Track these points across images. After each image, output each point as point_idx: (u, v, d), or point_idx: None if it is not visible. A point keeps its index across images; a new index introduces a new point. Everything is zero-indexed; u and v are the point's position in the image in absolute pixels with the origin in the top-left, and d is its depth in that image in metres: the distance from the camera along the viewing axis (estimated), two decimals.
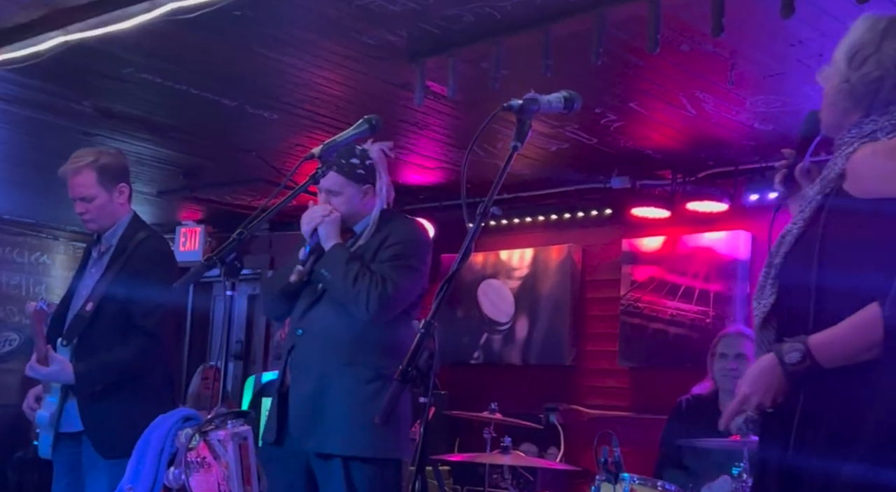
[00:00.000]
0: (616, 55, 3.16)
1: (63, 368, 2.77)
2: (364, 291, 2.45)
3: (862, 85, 1.60)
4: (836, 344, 1.51)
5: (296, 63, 3.47)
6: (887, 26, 1.60)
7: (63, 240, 7.44)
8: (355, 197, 2.63)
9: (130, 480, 1.92)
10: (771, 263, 1.63)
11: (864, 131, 1.60)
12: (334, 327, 2.54)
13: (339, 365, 2.51)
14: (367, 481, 2.46)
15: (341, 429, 2.46)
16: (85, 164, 2.94)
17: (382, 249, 2.56)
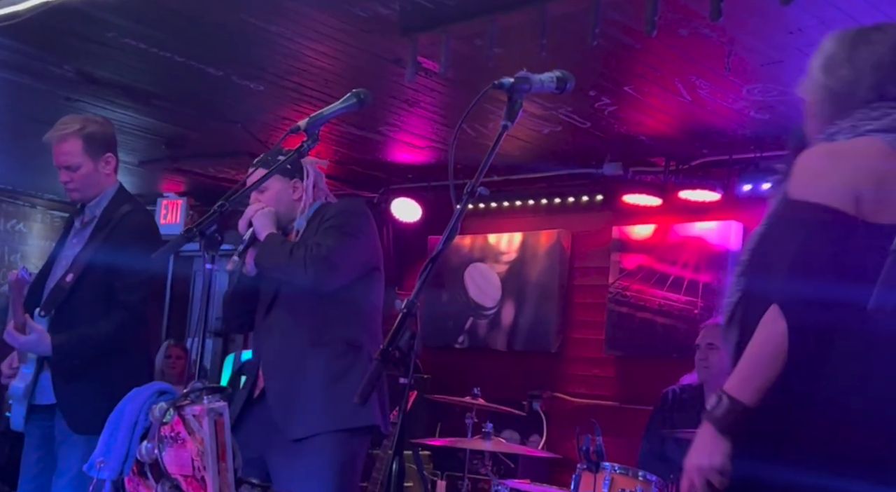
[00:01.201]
0: (612, 37, 3.16)
1: (41, 338, 2.76)
2: (300, 259, 2.45)
3: (839, 87, 1.66)
4: (747, 379, 1.53)
5: (284, 33, 3.45)
6: (855, 36, 1.68)
7: (40, 208, 7.39)
8: (284, 191, 2.64)
9: (102, 453, 1.93)
10: (740, 260, 1.68)
11: (826, 134, 1.65)
12: (296, 316, 2.56)
13: (308, 348, 2.53)
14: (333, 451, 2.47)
15: (318, 411, 2.48)
16: (71, 131, 2.92)
17: (321, 229, 2.58)
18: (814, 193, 1.52)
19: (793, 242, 1.52)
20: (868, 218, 1.49)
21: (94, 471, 1.91)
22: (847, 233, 1.49)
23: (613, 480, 3.28)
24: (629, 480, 3.25)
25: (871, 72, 1.63)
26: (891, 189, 1.52)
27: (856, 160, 1.54)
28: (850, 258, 1.49)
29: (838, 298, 1.47)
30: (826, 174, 1.54)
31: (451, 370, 5.63)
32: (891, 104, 1.62)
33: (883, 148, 1.54)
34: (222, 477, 1.85)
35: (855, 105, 1.64)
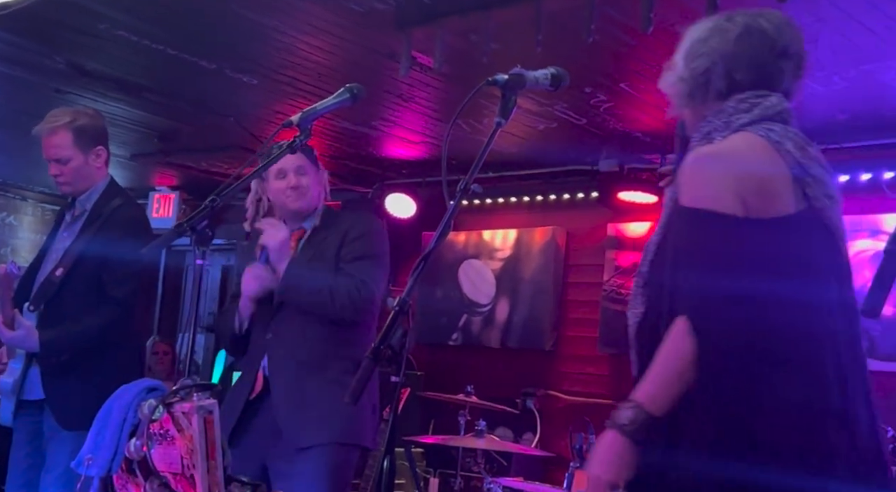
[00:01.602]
0: (609, 33, 3.15)
1: (29, 334, 2.75)
2: (346, 301, 2.48)
3: (692, 78, 1.69)
4: (657, 388, 1.54)
5: (278, 26, 3.43)
6: (713, 26, 1.71)
7: (31, 201, 7.37)
8: (315, 179, 2.67)
9: (90, 450, 1.92)
10: (640, 272, 1.68)
11: (701, 133, 1.68)
12: (306, 327, 2.56)
13: (316, 363, 2.54)
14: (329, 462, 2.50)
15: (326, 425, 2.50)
16: (61, 124, 2.91)
17: (346, 243, 2.59)
18: (702, 199, 1.55)
19: (689, 252, 1.56)
20: (755, 215, 1.53)
21: (82, 468, 1.90)
22: (738, 234, 1.53)
23: None
24: None
25: (721, 61, 1.66)
26: (772, 186, 1.56)
27: (738, 162, 1.56)
28: (746, 258, 1.53)
29: (740, 299, 1.49)
30: (712, 180, 1.56)
31: (444, 368, 5.63)
32: (755, 93, 1.64)
33: (760, 144, 1.58)
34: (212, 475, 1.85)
35: (711, 95, 1.67)
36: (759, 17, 1.68)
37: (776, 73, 1.66)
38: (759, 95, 1.64)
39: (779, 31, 1.66)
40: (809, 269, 1.58)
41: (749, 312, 1.49)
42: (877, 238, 4.25)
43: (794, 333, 1.52)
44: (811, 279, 1.56)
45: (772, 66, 1.65)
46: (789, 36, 1.68)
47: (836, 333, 1.57)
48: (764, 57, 1.65)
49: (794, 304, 1.52)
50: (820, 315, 1.56)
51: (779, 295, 1.51)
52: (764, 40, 1.65)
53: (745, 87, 1.65)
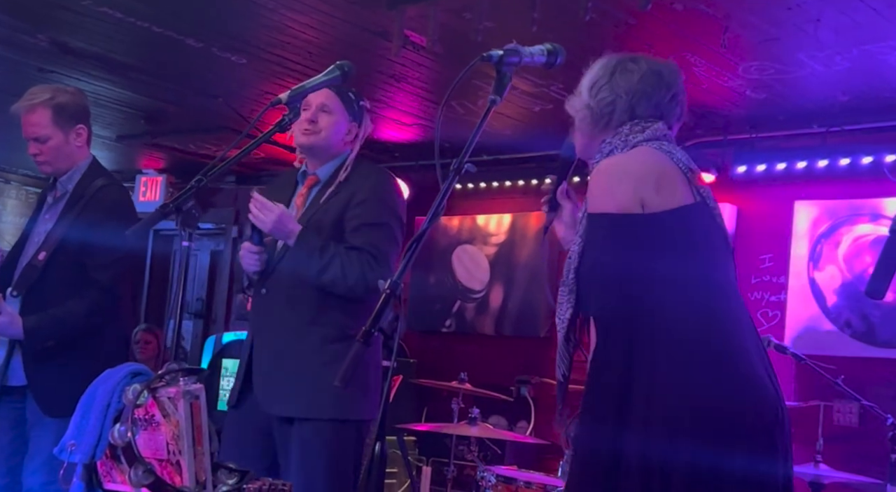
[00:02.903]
0: (606, 12, 3.13)
1: (12, 320, 2.73)
2: (361, 279, 2.43)
3: (599, 109, 1.95)
4: None
5: (267, 3, 3.40)
6: (617, 64, 1.98)
7: (15, 184, 7.32)
8: (342, 125, 2.58)
9: (73, 436, 1.91)
10: (565, 280, 1.87)
11: (604, 153, 1.92)
12: (299, 286, 2.51)
13: (304, 324, 2.50)
14: (325, 442, 2.46)
15: (305, 392, 2.46)
16: (40, 101, 2.87)
17: (351, 207, 2.51)
18: (607, 204, 1.79)
19: (598, 253, 1.80)
20: (652, 211, 1.76)
21: (64, 454, 1.89)
22: (638, 229, 1.76)
23: None
24: None
25: (626, 96, 1.93)
26: (667, 185, 1.79)
27: (636, 168, 1.81)
28: (646, 249, 1.76)
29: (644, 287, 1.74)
30: (614, 186, 1.80)
31: (437, 355, 5.63)
32: (647, 120, 1.92)
33: (654, 153, 1.84)
34: (198, 461, 1.84)
35: (613, 124, 1.93)
36: (658, 64, 1.97)
37: (667, 111, 1.95)
38: (649, 121, 1.92)
39: (673, 79, 1.97)
40: (710, 251, 1.81)
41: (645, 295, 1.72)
42: (877, 222, 4.25)
43: (696, 312, 1.74)
44: (705, 261, 1.79)
45: (665, 105, 1.95)
46: (679, 84, 1.98)
47: (736, 308, 1.80)
48: (660, 97, 1.94)
49: (689, 282, 1.75)
50: (722, 293, 1.79)
51: (674, 276, 1.74)
52: (661, 83, 1.95)
53: (641, 117, 1.93)
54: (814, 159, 4.40)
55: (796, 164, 4.45)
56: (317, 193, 2.59)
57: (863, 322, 4.28)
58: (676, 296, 1.73)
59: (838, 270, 4.38)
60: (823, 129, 4.20)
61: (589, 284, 1.81)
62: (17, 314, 2.75)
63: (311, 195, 2.60)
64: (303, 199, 2.61)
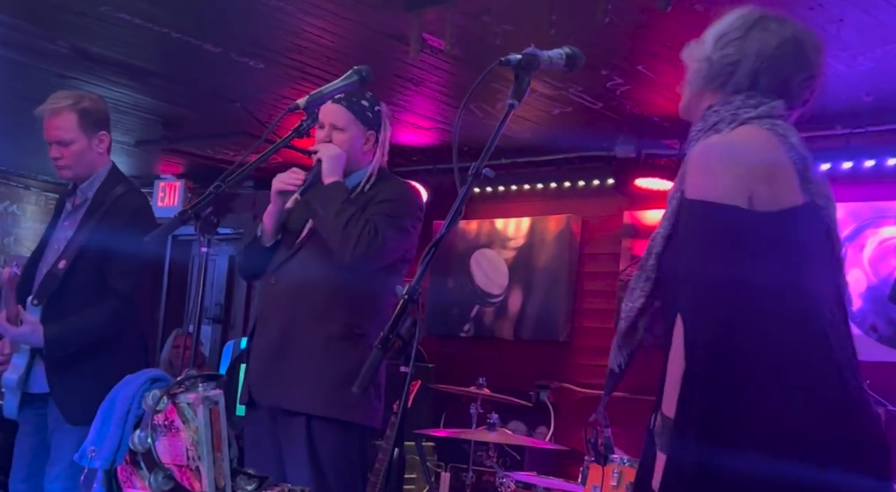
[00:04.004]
0: (625, 13, 3.12)
1: (34, 330, 2.76)
2: (354, 236, 2.42)
3: (719, 65, 1.70)
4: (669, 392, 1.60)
5: (284, 7, 3.42)
6: (758, 20, 1.72)
7: (35, 190, 7.40)
8: (358, 139, 2.59)
9: (94, 442, 1.92)
10: (643, 265, 1.70)
11: (708, 123, 1.69)
12: (309, 279, 2.52)
13: (309, 318, 2.50)
14: (328, 442, 2.46)
15: (305, 385, 2.46)
16: (65, 105, 2.90)
17: (373, 204, 2.54)
18: (708, 191, 1.57)
19: (693, 246, 1.59)
20: (763, 207, 1.55)
21: (85, 460, 1.91)
22: (743, 227, 1.56)
23: (623, 472, 3.28)
24: None
25: (754, 60, 1.68)
26: (779, 180, 1.59)
27: (747, 154, 1.59)
28: (749, 253, 1.55)
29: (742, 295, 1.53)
30: (720, 171, 1.58)
31: (455, 359, 5.63)
32: (764, 95, 1.68)
33: (769, 138, 1.61)
34: (217, 467, 1.85)
35: (728, 87, 1.70)
36: (806, 35, 1.71)
37: (794, 92, 1.70)
38: (766, 97, 1.68)
39: (815, 57, 1.71)
40: (810, 261, 1.61)
41: (743, 305, 1.52)
42: None
43: (791, 327, 1.55)
44: (810, 272, 1.59)
45: (795, 85, 1.69)
46: (819, 67, 1.72)
47: (834, 324, 1.60)
48: (793, 73, 1.69)
49: (792, 295, 1.55)
50: (828, 307, 1.59)
51: (776, 287, 1.54)
52: (799, 59, 1.69)
53: (761, 90, 1.68)
54: (837, 161, 4.36)
55: (819, 166, 4.40)
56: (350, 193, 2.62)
57: (889, 326, 4.24)
58: (779, 308, 1.54)
59: (863, 274, 4.34)
60: (847, 130, 4.16)
61: (675, 279, 1.61)
62: (38, 323, 2.77)
63: None
64: None
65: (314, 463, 2.44)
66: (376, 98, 2.65)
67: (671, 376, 1.59)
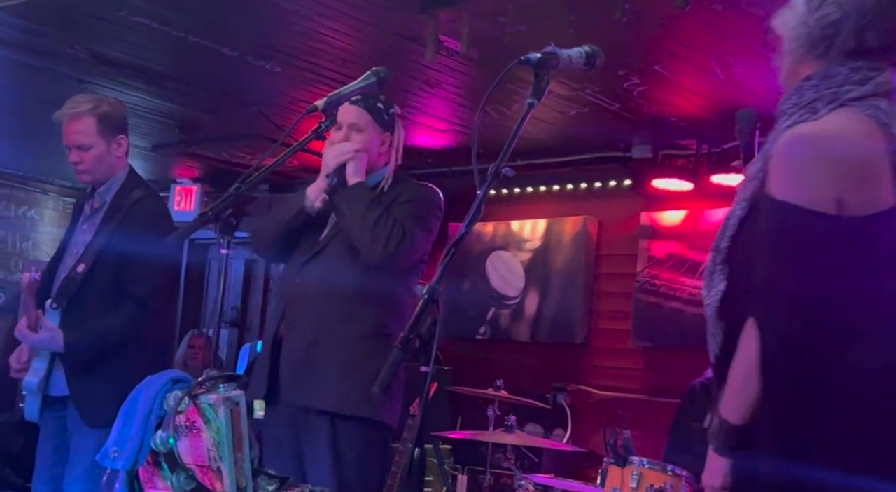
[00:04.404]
0: (642, 13, 3.12)
1: (53, 336, 2.78)
2: (384, 236, 2.44)
3: (819, 28, 1.54)
4: (733, 399, 1.53)
5: (300, 11, 3.43)
6: None
7: (52, 195, 7.45)
8: (375, 140, 2.61)
9: (116, 443, 1.93)
10: (718, 246, 1.60)
11: (804, 99, 1.54)
12: (335, 280, 2.53)
13: (337, 318, 2.52)
14: (353, 441, 2.47)
15: (333, 385, 2.47)
16: (84, 110, 2.92)
17: (397, 204, 2.56)
18: (794, 193, 1.44)
19: (768, 250, 1.48)
20: (850, 213, 1.42)
21: (107, 461, 1.92)
22: (829, 238, 1.43)
23: (642, 474, 3.27)
24: (658, 474, 3.24)
25: (856, 16, 1.50)
26: (872, 181, 1.45)
27: (840, 152, 1.44)
28: (832, 262, 1.43)
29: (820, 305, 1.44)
30: (807, 172, 1.45)
31: (472, 362, 5.62)
32: (871, 64, 1.51)
33: (868, 129, 1.46)
34: (238, 468, 1.85)
35: (832, 55, 1.53)
36: None
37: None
38: (874, 69, 1.51)
39: None
40: None
41: (822, 314, 1.43)
42: None
43: (875, 337, 1.44)
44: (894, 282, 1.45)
45: None
46: None
47: None
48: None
49: (878, 305, 1.44)
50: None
51: (863, 297, 1.43)
52: None
53: (870, 53, 1.51)
54: None
55: None
56: None
57: None
58: (865, 320, 1.44)
59: None
60: None
61: (748, 273, 1.50)
62: (57, 329, 2.79)
63: None
64: None
65: (336, 462, 2.45)
66: (390, 100, 2.66)
67: (737, 379, 1.51)
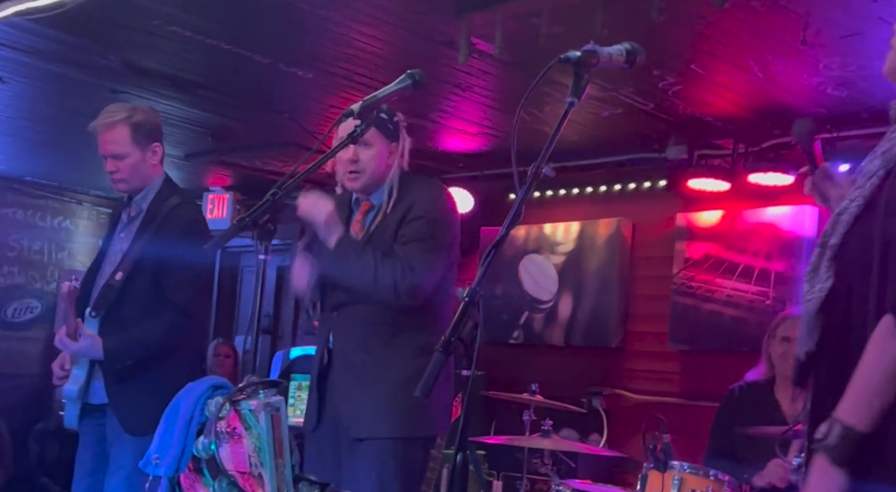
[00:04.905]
0: (678, 11, 3.08)
1: (93, 343, 2.80)
2: (390, 284, 2.42)
3: None
4: (863, 404, 1.44)
5: (332, 16, 3.44)
6: None
7: (87, 205, 7.54)
8: (383, 153, 2.61)
9: (157, 450, 1.94)
10: (826, 242, 1.57)
11: None
12: (371, 312, 2.53)
13: (381, 346, 2.51)
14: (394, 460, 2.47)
15: (383, 412, 2.47)
16: (119, 119, 2.95)
17: (406, 223, 2.53)
18: None
19: None
20: None
21: (150, 468, 1.93)
22: None
23: (683, 479, 3.22)
24: (700, 479, 3.18)
25: None
26: None
27: None
28: None
29: None
30: None
31: (505, 367, 5.59)
32: None
33: None
34: (279, 474, 1.85)
35: None
36: None
37: None
38: None
39: None
40: None
41: None
42: None
43: None
44: None
45: None
46: None
47: None
48: None
49: None
50: None
51: None
52: None
53: None
54: None
55: None
56: (372, 218, 2.62)
57: None
58: None
59: None
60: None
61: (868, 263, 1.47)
62: (97, 337, 2.82)
63: (367, 221, 2.63)
64: (359, 225, 2.64)
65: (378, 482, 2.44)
66: (392, 109, 2.64)
67: (871, 382, 1.43)
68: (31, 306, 7.19)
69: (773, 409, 3.52)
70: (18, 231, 7.13)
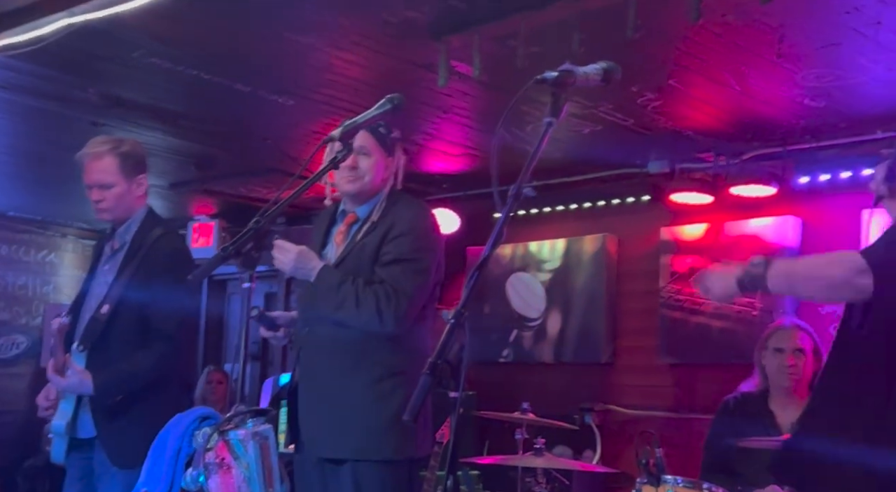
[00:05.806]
0: (654, 28, 3.11)
1: (82, 379, 2.78)
2: (373, 310, 2.41)
3: None
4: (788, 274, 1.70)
5: (312, 44, 3.46)
6: None
7: (71, 238, 7.50)
8: (380, 164, 2.61)
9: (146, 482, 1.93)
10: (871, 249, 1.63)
11: None
12: (339, 334, 2.52)
13: (350, 365, 2.50)
14: (376, 483, 2.45)
15: (353, 433, 2.46)
16: (106, 149, 2.97)
17: (386, 242, 2.52)
18: None
19: None
20: None
21: None
22: None
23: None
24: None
25: None
26: None
27: None
28: None
29: None
30: None
31: (496, 386, 5.57)
32: None
33: None
34: None
35: None
36: None
37: None
38: None
39: None
40: None
41: None
42: None
43: None
44: None
45: None
46: None
47: None
48: None
49: None
50: None
51: None
52: None
53: None
54: None
55: (862, 171, 4.34)
56: (356, 231, 2.62)
57: None
58: None
59: None
60: (888, 134, 4.10)
61: None
62: (85, 372, 2.80)
63: (351, 232, 2.63)
64: (342, 236, 2.64)
65: None
66: (390, 125, 2.66)
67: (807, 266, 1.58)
68: (17, 342, 7.13)
69: (768, 420, 3.52)
70: (2, 267, 7.09)
